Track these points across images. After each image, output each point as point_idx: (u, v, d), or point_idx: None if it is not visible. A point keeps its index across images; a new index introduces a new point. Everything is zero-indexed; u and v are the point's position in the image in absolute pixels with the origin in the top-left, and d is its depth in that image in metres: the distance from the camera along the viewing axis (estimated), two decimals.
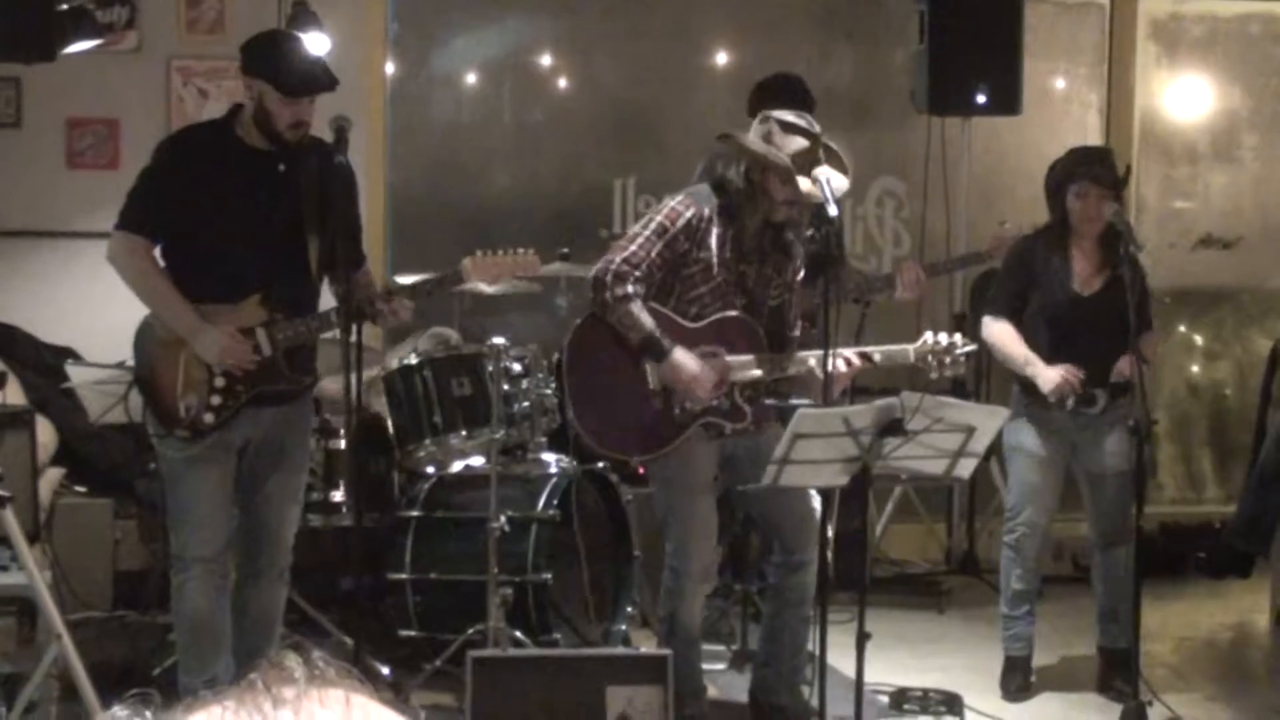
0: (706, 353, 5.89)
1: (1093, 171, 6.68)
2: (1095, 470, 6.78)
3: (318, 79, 5.70)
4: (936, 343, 5.89)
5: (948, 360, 5.89)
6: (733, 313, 5.92)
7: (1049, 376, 6.63)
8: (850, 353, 5.86)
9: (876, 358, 5.91)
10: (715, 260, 5.89)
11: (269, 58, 5.69)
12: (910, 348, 5.90)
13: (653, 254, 5.89)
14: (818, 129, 5.91)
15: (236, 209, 5.66)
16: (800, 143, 5.84)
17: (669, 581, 6.12)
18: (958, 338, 5.95)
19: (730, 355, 5.91)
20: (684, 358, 5.84)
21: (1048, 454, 6.78)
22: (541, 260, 7.10)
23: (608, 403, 6.02)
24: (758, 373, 5.91)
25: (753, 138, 5.89)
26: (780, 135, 5.85)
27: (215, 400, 5.66)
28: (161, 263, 5.75)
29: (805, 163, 5.77)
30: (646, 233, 5.94)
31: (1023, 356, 6.74)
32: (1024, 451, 6.81)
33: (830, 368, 5.60)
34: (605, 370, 5.99)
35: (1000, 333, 6.79)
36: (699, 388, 5.84)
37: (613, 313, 5.91)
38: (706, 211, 5.91)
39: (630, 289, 5.87)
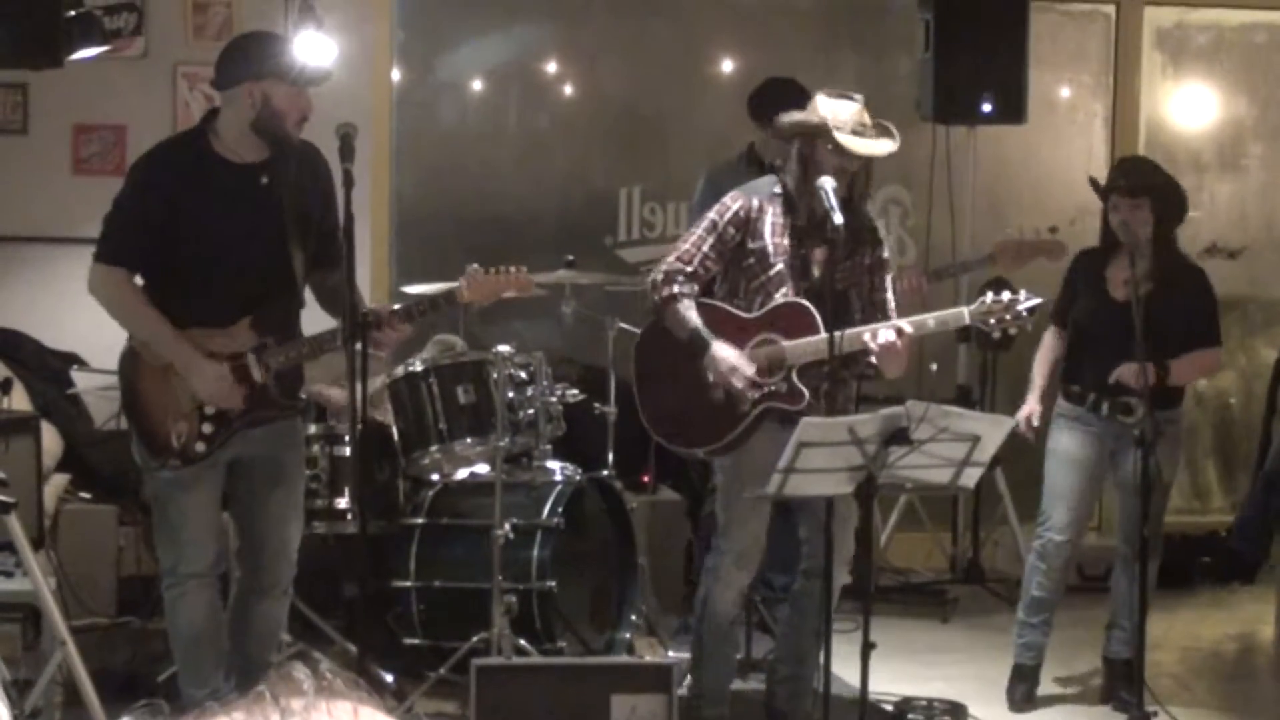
0: (763, 340, 5.89)
1: (1117, 183, 6.71)
2: (1128, 481, 6.69)
3: (314, 67, 5.62)
4: (996, 301, 5.78)
5: (1009, 317, 5.77)
6: (788, 298, 5.91)
7: (1021, 413, 6.72)
8: (902, 322, 5.79)
9: (931, 324, 5.83)
10: (770, 247, 5.91)
11: (268, 55, 5.55)
12: (965, 310, 5.82)
13: (704, 249, 5.94)
14: (859, 98, 5.96)
15: (219, 229, 5.50)
16: (847, 106, 5.90)
17: (709, 560, 6.22)
18: (1022, 293, 5.84)
19: (786, 341, 5.89)
20: (721, 350, 5.86)
21: (1084, 457, 6.74)
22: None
23: (674, 401, 6.07)
24: (813, 353, 5.85)
25: (792, 116, 5.94)
26: (825, 103, 5.90)
27: (207, 429, 5.55)
28: (145, 287, 5.60)
29: (851, 125, 5.83)
30: (699, 231, 6.01)
31: (1032, 378, 6.85)
32: (1059, 454, 6.77)
33: (883, 340, 5.59)
34: (669, 370, 6.04)
35: (1041, 346, 6.91)
36: (736, 378, 5.83)
37: (663, 314, 5.98)
38: (757, 201, 5.94)
39: (677, 289, 5.92)
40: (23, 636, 6.52)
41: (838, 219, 5.56)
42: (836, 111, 5.88)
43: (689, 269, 5.94)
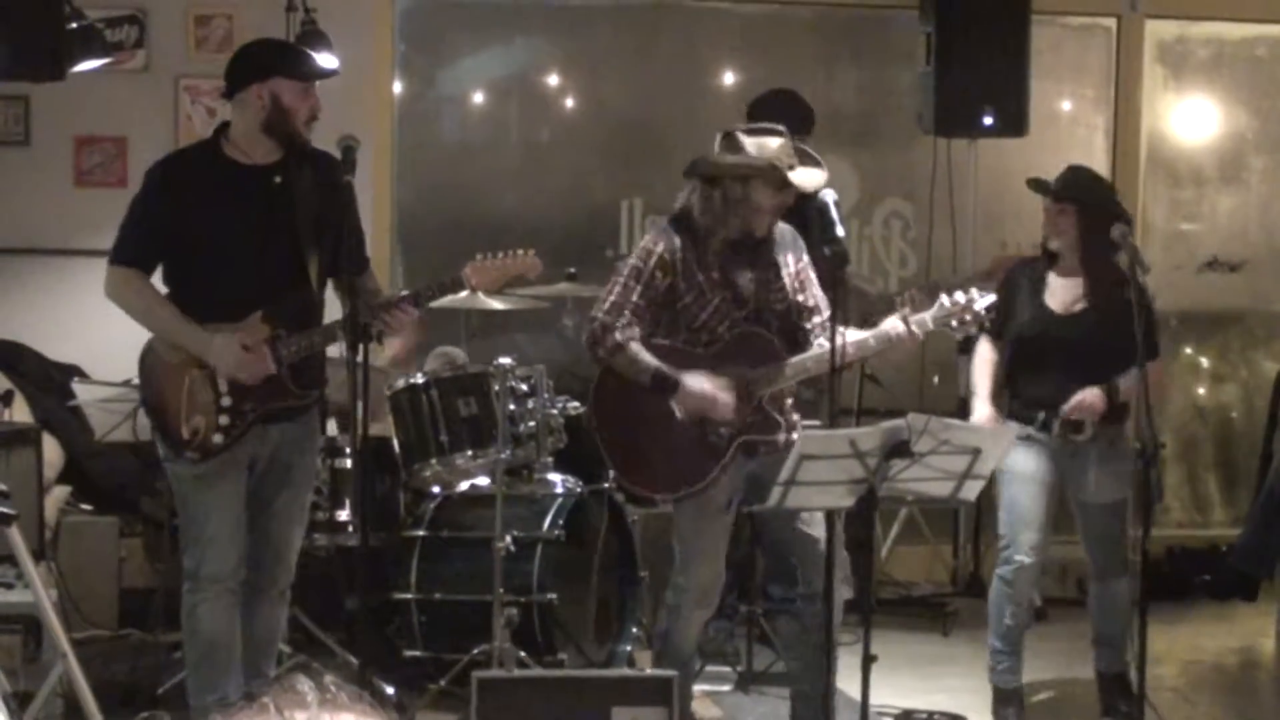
0: (726, 374, 5.84)
1: (1044, 188, 6.66)
2: (1082, 500, 6.63)
3: (319, 64, 5.74)
4: (954, 302, 5.78)
5: (969, 317, 5.78)
6: (741, 329, 5.86)
7: (978, 415, 6.58)
8: (863, 335, 5.78)
9: (897, 332, 5.77)
10: (703, 282, 5.84)
11: (273, 54, 5.73)
12: (928, 315, 5.78)
13: (632, 298, 5.81)
14: (783, 129, 5.90)
15: (233, 228, 5.62)
16: (774, 142, 5.81)
17: (669, 598, 6.09)
18: (974, 291, 5.83)
19: (750, 370, 5.84)
20: (695, 381, 5.76)
21: (1042, 476, 6.59)
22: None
23: (644, 447, 5.91)
24: (780, 379, 5.83)
25: (721, 154, 5.86)
26: (750, 141, 5.81)
27: (224, 420, 5.64)
28: (163, 288, 5.73)
29: (787, 161, 5.76)
30: (622, 279, 5.86)
31: (973, 385, 6.72)
32: (1014, 473, 6.57)
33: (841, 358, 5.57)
34: (634, 417, 5.89)
35: (976, 355, 6.76)
36: (722, 404, 5.77)
37: (616, 365, 5.84)
38: (677, 242, 5.84)
39: (619, 337, 5.78)
40: (23, 648, 6.53)
41: (840, 231, 5.55)
42: (765, 148, 5.78)
43: (622, 319, 5.79)
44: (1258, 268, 9.91)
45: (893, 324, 5.77)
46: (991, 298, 5.89)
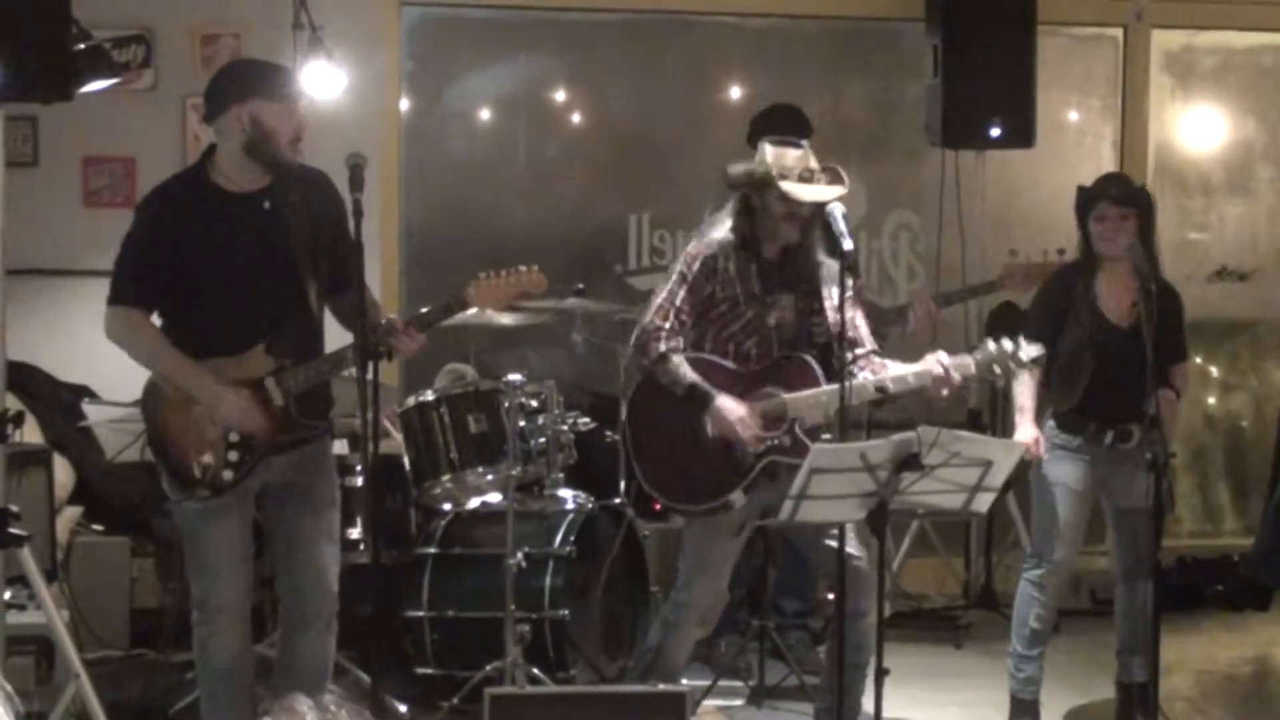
0: (765, 394, 5.85)
1: (1108, 191, 6.64)
2: (1125, 505, 6.63)
3: (297, 84, 5.60)
4: (1000, 349, 5.76)
5: (1013, 366, 5.78)
6: (792, 354, 5.88)
7: (1023, 434, 6.55)
8: (904, 371, 5.80)
9: (936, 375, 5.78)
10: (740, 294, 5.88)
11: (250, 76, 5.57)
12: (970, 359, 5.78)
13: (678, 303, 5.89)
14: (805, 144, 5.95)
15: (227, 260, 5.49)
16: (791, 153, 5.87)
17: (669, 614, 6.09)
18: (1022, 341, 5.81)
19: (787, 394, 5.86)
20: (726, 403, 5.80)
21: (1083, 488, 6.63)
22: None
23: (673, 457, 5.94)
24: (818, 407, 5.84)
25: (739, 166, 5.92)
26: (771, 150, 5.87)
27: (233, 456, 5.52)
28: (159, 321, 5.60)
29: (798, 171, 5.80)
30: (669, 285, 5.95)
31: (1019, 404, 6.68)
32: (1061, 485, 6.62)
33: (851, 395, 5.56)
34: (667, 426, 5.93)
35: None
36: (745, 430, 5.80)
37: (656, 373, 5.90)
38: (720, 249, 5.91)
39: (664, 347, 5.86)
40: (36, 669, 6.54)
41: (848, 245, 5.54)
42: (782, 159, 5.85)
43: (668, 325, 5.88)
44: (1266, 277, 9.90)
45: (934, 364, 5.78)
46: (1040, 349, 5.88)
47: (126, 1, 8.42)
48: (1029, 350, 5.80)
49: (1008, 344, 5.79)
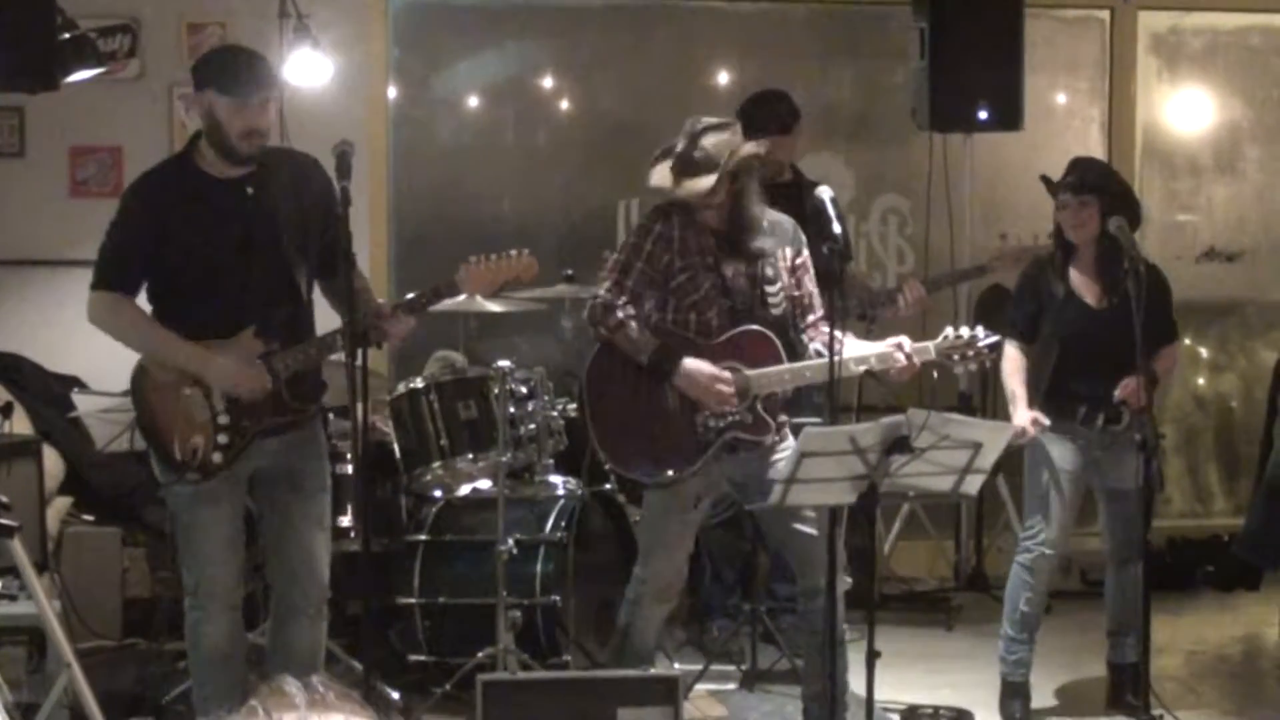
0: (726, 368, 5.84)
1: (1067, 180, 6.66)
2: (1116, 486, 6.67)
3: (259, 80, 5.55)
4: (958, 337, 5.80)
5: (970, 354, 5.81)
6: (751, 326, 5.85)
7: (1020, 419, 6.57)
8: (865, 351, 5.80)
9: (897, 359, 5.81)
10: (698, 264, 5.85)
11: (212, 66, 5.59)
12: (931, 344, 5.81)
13: (632, 274, 5.86)
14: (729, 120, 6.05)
15: (213, 244, 5.52)
16: (662, 167, 5.95)
17: (629, 592, 6.08)
18: (979, 330, 5.86)
19: (749, 370, 5.84)
20: (695, 364, 5.77)
21: (1074, 470, 6.66)
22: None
23: (631, 427, 5.91)
24: (779, 383, 5.84)
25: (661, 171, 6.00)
26: (655, 174, 5.96)
27: (222, 439, 5.54)
28: (149, 308, 5.63)
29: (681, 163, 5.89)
30: (624, 257, 5.93)
31: (1010, 391, 6.72)
32: (1053, 467, 6.64)
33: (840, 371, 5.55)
34: (625, 396, 5.90)
35: (1006, 360, 6.73)
36: (721, 390, 5.77)
37: (617, 342, 5.86)
38: (676, 219, 5.89)
39: (620, 315, 5.82)
40: (27, 660, 6.53)
41: (837, 228, 5.54)
42: (662, 177, 5.96)
43: (624, 297, 5.85)
44: (1255, 257, 9.91)
45: (894, 348, 5.78)
46: (995, 338, 5.93)
47: None
48: (985, 338, 5.84)
49: (965, 331, 5.83)
